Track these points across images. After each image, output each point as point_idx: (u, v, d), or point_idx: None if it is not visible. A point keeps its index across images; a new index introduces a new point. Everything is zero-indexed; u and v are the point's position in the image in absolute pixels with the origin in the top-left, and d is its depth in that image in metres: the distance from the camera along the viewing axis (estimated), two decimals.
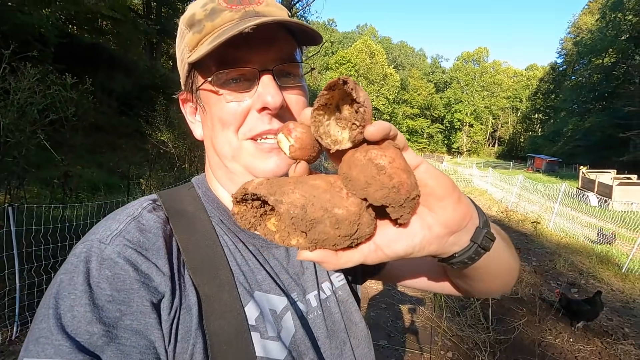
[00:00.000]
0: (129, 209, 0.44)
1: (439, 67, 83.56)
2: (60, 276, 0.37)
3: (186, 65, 0.47)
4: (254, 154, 0.45)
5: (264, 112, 0.44)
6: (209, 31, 0.44)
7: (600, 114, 35.59)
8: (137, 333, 0.36)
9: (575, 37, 48.79)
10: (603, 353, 2.92)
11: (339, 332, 0.53)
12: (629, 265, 5.33)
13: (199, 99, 0.48)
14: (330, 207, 0.27)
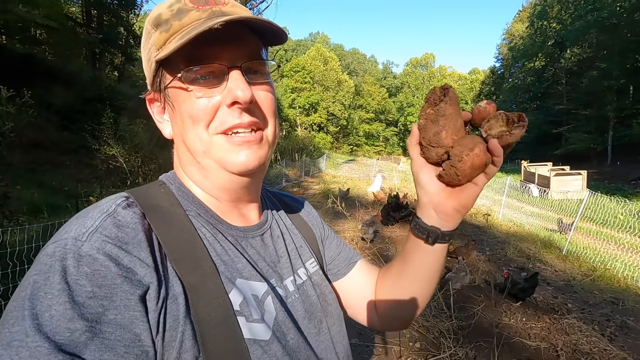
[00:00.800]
0: (101, 207, 0.43)
1: (390, 72, 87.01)
2: (33, 277, 0.36)
3: (153, 64, 0.47)
4: (225, 147, 0.46)
5: (234, 106, 0.45)
6: (176, 30, 0.44)
7: (535, 112, 38.96)
8: (121, 327, 0.35)
9: (510, 42, 53.20)
10: (551, 328, 3.20)
11: (316, 313, 0.56)
12: (568, 247, 5.88)
13: (168, 97, 0.48)
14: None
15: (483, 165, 0.44)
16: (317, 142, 38.58)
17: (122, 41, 20.41)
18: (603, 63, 27.11)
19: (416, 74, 69.94)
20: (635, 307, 3.77)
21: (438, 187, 0.50)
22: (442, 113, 0.44)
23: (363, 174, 19.29)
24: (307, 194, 11.23)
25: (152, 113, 0.53)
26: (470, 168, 0.43)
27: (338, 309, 0.63)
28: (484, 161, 0.43)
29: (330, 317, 0.59)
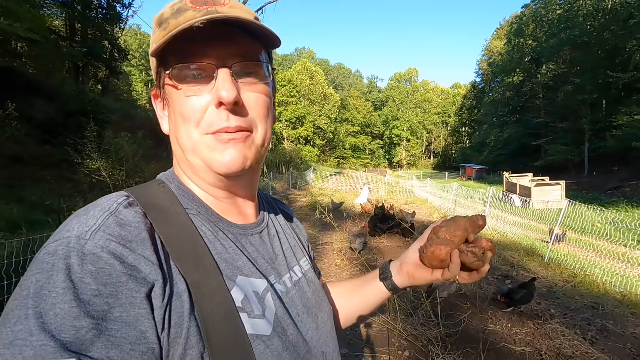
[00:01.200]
0: (102, 205, 0.42)
1: (375, 86, 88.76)
2: (35, 276, 0.35)
3: (152, 60, 0.48)
4: (212, 146, 0.46)
5: (221, 107, 0.45)
6: (172, 28, 0.45)
7: (515, 125, 40.25)
8: (127, 324, 0.35)
9: (489, 58, 55.21)
10: (535, 333, 3.27)
11: (311, 308, 0.58)
12: (549, 255, 6.04)
13: (165, 94, 0.49)
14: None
15: (438, 261, 0.58)
16: (303, 155, 38.74)
17: (106, 55, 20.23)
18: (577, 78, 28.38)
19: (400, 88, 71.57)
20: (614, 311, 3.89)
21: (415, 256, 0.64)
22: (459, 220, 0.60)
23: (350, 186, 19.43)
24: (294, 206, 11.23)
25: (155, 108, 0.54)
26: (428, 256, 0.58)
27: (329, 305, 0.66)
28: (439, 259, 0.57)
29: (324, 312, 0.61)
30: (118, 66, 22.29)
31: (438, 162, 69.89)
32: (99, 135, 8.60)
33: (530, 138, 35.31)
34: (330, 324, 0.63)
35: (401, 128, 67.91)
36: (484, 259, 0.55)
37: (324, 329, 0.59)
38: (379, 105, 75.35)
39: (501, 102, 44.74)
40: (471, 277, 0.59)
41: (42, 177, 10.53)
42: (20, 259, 3.11)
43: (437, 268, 0.59)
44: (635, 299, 4.24)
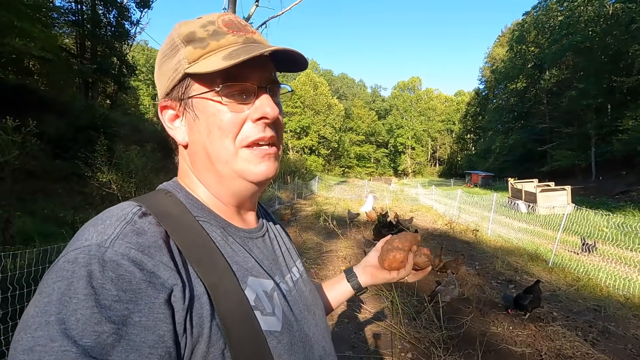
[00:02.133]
0: (117, 215, 0.44)
1: (378, 95, 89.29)
2: (56, 284, 0.36)
3: (180, 74, 0.50)
4: (248, 159, 0.51)
5: (260, 121, 0.51)
6: (213, 49, 0.49)
7: (520, 131, 40.06)
8: (146, 329, 0.36)
9: (492, 65, 55.31)
10: (536, 335, 3.32)
11: (310, 306, 0.63)
12: (553, 259, 6.06)
13: (190, 106, 0.51)
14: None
15: (398, 263, 0.73)
16: (309, 165, 38.95)
17: (115, 71, 20.81)
18: (580, 83, 28.31)
19: (404, 96, 71.87)
20: (617, 313, 3.92)
21: (375, 261, 0.80)
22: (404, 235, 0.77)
23: (355, 194, 19.50)
24: (300, 215, 11.34)
25: (162, 120, 0.55)
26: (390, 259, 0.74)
27: (322, 303, 0.71)
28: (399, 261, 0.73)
29: (319, 309, 0.66)
30: (126, 81, 22.88)
31: (444, 170, 69.62)
32: (109, 149, 8.83)
33: (535, 144, 35.15)
34: (325, 320, 0.68)
35: (406, 136, 68.01)
36: (430, 259, 0.76)
37: (321, 325, 0.63)
38: (383, 114, 75.65)
39: (505, 109, 44.68)
40: (417, 276, 0.80)
41: (54, 190, 10.81)
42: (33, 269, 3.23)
43: (394, 269, 0.75)
44: (638, 301, 4.26)
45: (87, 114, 13.90)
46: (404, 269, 0.75)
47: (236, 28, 0.52)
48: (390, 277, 0.77)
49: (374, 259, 0.80)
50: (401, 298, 3.87)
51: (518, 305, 3.74)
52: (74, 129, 13.13)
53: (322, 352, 0.59)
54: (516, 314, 3.76)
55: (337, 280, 0.85)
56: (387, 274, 0.77)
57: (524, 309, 3.71)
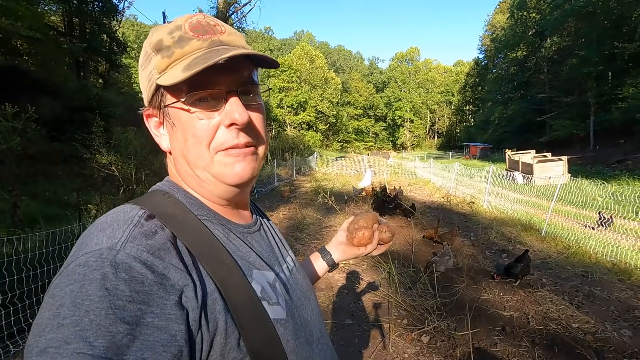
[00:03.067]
0: (124, 219, 0.45)
1: (376, 68, 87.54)
2: (68, 287, 0.36)
3: (154, 85, 0.51)
4: (224, 162, 0.52)
5: (232, 127, 0.50)
6: (178, 57, 0.48)
7: (519, 101, 39.60)
8: (158, 329, 0.37)
9: (492, 34, 53.87)
10: (525, 300, 3.52)
11: (306, 292, 0.66)
12: (546, 229, 6.25)
13: (168, 115, 0.52)
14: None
15: (366, 240, 0.83)
16: (307, 141, 38.78)
17: (105, 48, 20.32)
18: (582, 50, 27.78)
19: (402, 68, 70.51)
20: (603, 278, 4.12)
21: (344, 239, 0.88)
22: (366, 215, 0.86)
23: (353, 169, 19.62)
24: (299, 192, 11.48)
25: (149, 127, 0.56)
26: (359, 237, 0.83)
27: (312, 286, 0.77)
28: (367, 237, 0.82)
29: (313, 294, 0.71)
30: (118, 59, 22.36)
31: (442, 142, 69.35)
32: (105, 130, 8.81)
33: (534, 114, 34.89)
34: (317, 303, 0.72)
35: (404, 109, 67.31)
36: (393, 234, 0.87)
37: (316, 310, 0.68)
38: (381, 87, 74.51)
39: (505, 79, 44.00)
40: (380, 249, 0.88)
41: (54, 172, 10.88)
42: (44, 251, 3.37)
43: (362, 245, 0.85)
44: (624, 267, 4.46)
45: (81, 95, 13.72)
46: (371, 245, 0.84)
47: (202, 31, 0.51)
48: (359, 252, 0.87)
49: (344, 237, 0.88)
50: (398, 269, 4.04)
51: (509, 273, 3.93)
52: (69, 110, 13.00)
53: (319, 334, 0.63)
54: (506, 281, 3.95)
55: (312, 260, 0.92)
56: (357, 249, 0.86)
57: (514, 277, 3.90)
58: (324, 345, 0.63)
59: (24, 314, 3.00)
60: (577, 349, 2.71)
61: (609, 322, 3.13)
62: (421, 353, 2.75)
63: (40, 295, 3.17)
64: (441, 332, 3.01)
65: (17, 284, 3.02)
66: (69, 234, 4.04)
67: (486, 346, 2.80)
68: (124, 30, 33.22)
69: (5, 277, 2.88)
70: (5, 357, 2.72)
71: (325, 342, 0.65)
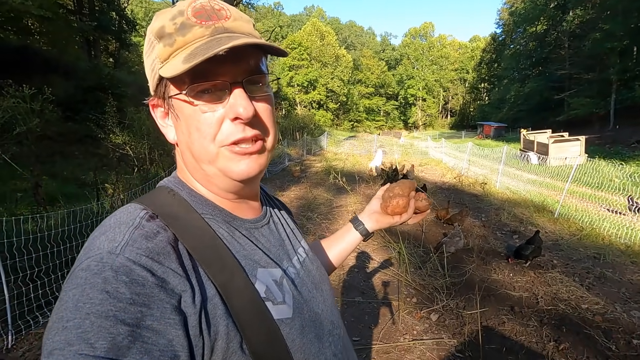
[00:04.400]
0: (125, 221, 0.45)
1: (388, 44, 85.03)
2: (72, 291, 0.37)
3: (157, 75, 0.49)
4: (229, 157, 0.50)
5: (237, 121, 0.48)
6: (180, 46, 0.46)
7: (537, 78, 38.29)
8: (157, 333, 0.37)
9: (511, 7, 51.42)
10: (535, 281, 3.54)
11: (318, 283, 0.65)
12: (560, 210, 6.18)
13: (172, 106, 0.50)
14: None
15: (401, 209, 0.80)
16: (317, 120, 38.46)
17: (115, 27, 20.25)
18: (606, 24, 26.39)
19: (415, 44, 68.37)
20: (615, 260, 4.10)
21: (377, 208, 0.86)
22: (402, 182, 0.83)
23: (364, 149, 19.50)
24: (309, 171, 11.53)
25: (155, 117, 0.55)
26: (393, 205, 0.80)
27: (327, 275, 0.74)
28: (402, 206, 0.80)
29: (325, 283, 0.68)
30: (127, 38, 22.26)
31: (455, 122, 67.97)
32: (118, 110, 8.90)
33: (552, 92, 33.72)
34: (332, 292, 0.70)
35: (417, 87, 65.72)
36: (430, 203, 0.83)
37: (329, 300, 0.65)
38: (393, 64, 72.61)
39: (523, 55, 42.39)
40: (417, 218, 0.85)
41: (70, 152, 11.15)
42: (66, 229, 3.52)
43: (397, 214, 0.82)
44: (638, 249, 4.42)
45: (93, 75, 13.82)
46: (406, 213, 0.81)
47: (206, 16, 0.48)
48: (393, 221, 0.83)
49: (377, 206, 0.85)
50: (408, 249, 4.09)
51: (519, 255, 3.94)
52: (82, 90, 13.14)
53: (331, 326, 0.61)
54: (517, 262, 3.96)
55: (345, 231, 0.90)
56: (391, 218, 0.83)
57: (525, 258, 3.91)
58: (335, 337, 0.61)
59: (50, 288, 3.18)
60: (586, 329, 2.74)
61: (619, 303, 3.14)
62: (430, 330, 2.83)
63: (65, 270, 3.34)
64: (450, 310, 3.07)
65: (43, 259, 3.17)
66: (89, 212, 4.20)
67: (494, 325, 2.86)
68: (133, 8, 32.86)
69: (32, 253, 3.03)
70: (35, 327, 2.91)
71: (337, 333, 0.63)
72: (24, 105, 3.82)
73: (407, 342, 2.68)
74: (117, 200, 4.96)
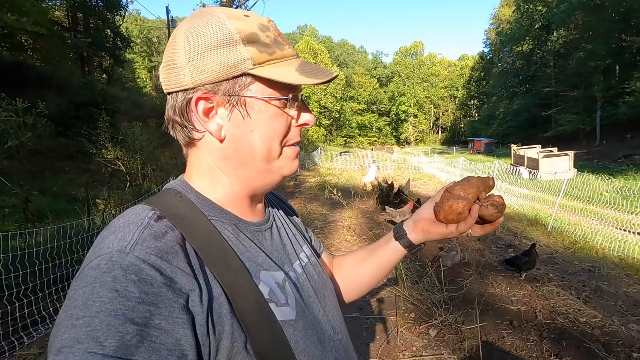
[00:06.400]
0: (134, 220, 0.46)
1: (380, 62, 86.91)
2: (81, 289, 0.38)
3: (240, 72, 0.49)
4: (288, 156, 0.56)
5: (300, 127, 0.57)
6: (278, 57, 0.52)
7: (525, 96, 39.33)
8: (165, 332, 0.38)
9: (497, 27, 53.32)
10: (532, 294, 3.53)
11: (319, 289, 0.65)
12: (552, 224, 6.23)
13: (241, 104, 0.51)
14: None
15: (456, 215, 0.63)
16: (310, 136, 38.71)
17: (109, 43, 20.37)
18: (589, 44, 27.42)
19: (406, 62, 70.03)
20: (610, 273, 4.12)
21: (430, 211, 0.69)
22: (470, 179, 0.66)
23: (357, 164, 19.59)
24: (303, 186, 11.51)
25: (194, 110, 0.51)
26: (445, 210, 0.64)
27: (331, 283, 0.72)
28: (457, 212, 0.62)
29: (328, 290, 0.68)
30: (122, 54, 22.37)
31: (447, 137, 69.07)
32: (111, 125, 8.86)
33: (540, 108, 34.59)
34: (335, 299, 0.69)
35: (408, 104, 66.94)
36: (502, 210, 0.63)
37: (330, 305, 0.65)
38: (384, 81, 74.11)
39: (510, 73, 43.62)
40: (484, 229, 0.67)
41: (61, 168, 10.98)
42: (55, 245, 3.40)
43: (452, 222, 0.64)
44: (631, 262, 4.45)
45: (86, 90, 13.78)
46: (464, 222, 0.64)
47: (286, 39, 0.55)
48: (447, 231, 0.67)
49: (429, 211, 0.70)
50: (404, 263, 4.06)
51: (513, 264, 3.96)
52: (75, 105, 13.07)
53: (332, 331, 0.61)
54: (512, 275, 3.96)
55: (382, 243, 0.77)
56: (443, 227, 0.67)
57: (518, 268, 3.93)
58: (336, 342, 0.61)
59: (37, 307, 3.05)
60: (586, 343, 2.72)
61: (617, 316, 3.13)
62: (429, 346, 2.77)
63: (52, 288, 3.23)
64: (449, 325, 3.02)
65: (30, 276, 3.07)
66: (79, 228, 4.10)
67: (494, 339, 2.82)
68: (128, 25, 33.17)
69: (19, 270, 2.93)
70: (20, 348, 2.78)
71: (339, 338, 0.63)
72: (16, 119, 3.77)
73: (406, 358, 2.62)
74: (109, 216, 4.87)
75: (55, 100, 12.82)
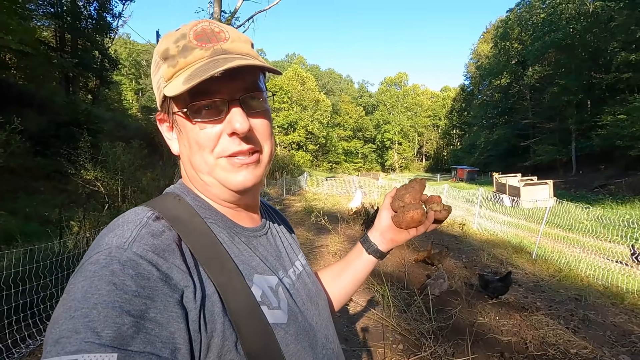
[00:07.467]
0: (133, 219, 0.47)
1: (365, 91, 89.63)
2: (80, 283, 0.39)
3: (162, 93, 0.52)
4: (226, 168, 0.53)
5: (234, 136, 0.51)
6: (182, 67, 0.50)
7: (504, 126, 40.92)
8: (160, 325, 0.39)
9: (477, 62, 56.13)
10: (522, 324, 3.45)
11: (313, 297, 0.65)
12: (537, 252, 6.27)
13: (175, 121, 0.54)
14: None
15: (416, 223, 0.70)
16: (297, 161, 38.85)
17: (96, 65, 20.29)
18: (562, 80, 29.09)
19: (391, 92, 72.32)
20: (596, 302, 4.10)
21: (389, 223, 0.75)
22: (411, 186, 0.73)
23: (343, 190, 19.60)
24: (289, 211, 11.35)
25: (162, 131, 0.58)
26: (407, 220, 0.70)
27: (324, 293, 0.74)
28: (417, 220, 0.69)
29: (322, 299, 0.69)
30: (109, 76, 22.29)
31: (430, 165, 70.51)
32: (92, 145, 8.63)
33: (519, 139, 35.94)
34: (328, 309, 0.71)
35: (393, 132, 68.55)
36: (450, 210, 0.73)
37: (324, 314, 0.67)
38: (370, 109, 76.10)
39: (490, 104, 45.47)
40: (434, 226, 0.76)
41: (36, 188, 10.51)
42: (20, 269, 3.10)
43: (412, 228, 0.72)
44: (616, 290, 4.47)
45: (68, 110, 13.53)
46: (422, 226, 0.72)
47: (206, 39, 0.51)
48: (409, 236, 0.75)
49: (388, 220, 0.76)
50: (391, 291, 3.94)
51: (485, 287, 4.06)
52: (55, 125, 12.76)
53: (325, 339, 0.62)
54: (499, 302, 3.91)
55: (355, 256, 0.82)
56: (406, 233, 0.75)
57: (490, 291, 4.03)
58: (329, 351, 0.62)
59: (2, 334, 2.78)
60: None
61: (607, 347, 3.08)
62: None
63: (13, 317, 2.96)
64: (438, 358, 2.89)
65: None
66: (49, 251, 3.83)
67: None
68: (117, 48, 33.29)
69: None
70: None
71: (332, 347, 0.64)
72: None
73: None
74: (83, 239, 4.61)
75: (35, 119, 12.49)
